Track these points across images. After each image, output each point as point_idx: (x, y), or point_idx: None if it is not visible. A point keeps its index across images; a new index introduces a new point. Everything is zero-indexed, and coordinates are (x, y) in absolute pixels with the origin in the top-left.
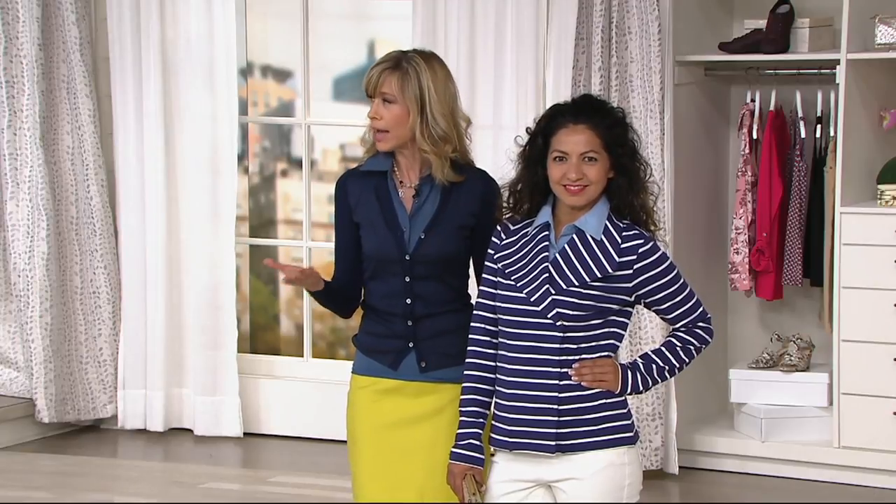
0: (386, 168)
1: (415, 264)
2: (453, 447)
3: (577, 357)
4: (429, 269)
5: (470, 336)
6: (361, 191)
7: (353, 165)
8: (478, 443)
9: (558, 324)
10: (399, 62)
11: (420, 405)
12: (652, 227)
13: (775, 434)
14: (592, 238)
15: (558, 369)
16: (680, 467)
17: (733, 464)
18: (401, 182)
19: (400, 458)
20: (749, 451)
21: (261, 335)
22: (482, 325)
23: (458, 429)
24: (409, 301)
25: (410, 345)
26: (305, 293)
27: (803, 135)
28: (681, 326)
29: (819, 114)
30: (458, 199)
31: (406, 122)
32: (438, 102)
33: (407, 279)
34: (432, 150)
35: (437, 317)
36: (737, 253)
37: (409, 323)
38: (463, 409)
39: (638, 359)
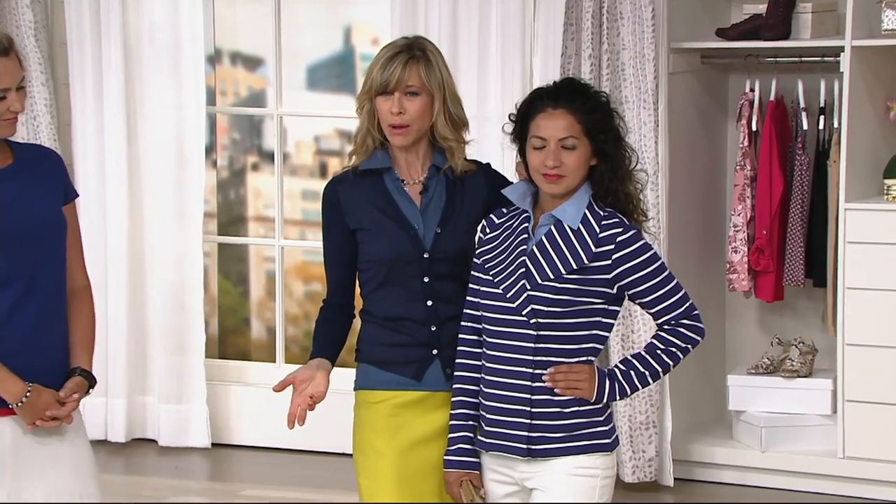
0: (386, 164)
1: (434, 262)
2: (445, 455)
3: (553, 359)
4: (447, 267)
5: (458, 336)
6: (356, 194)
7: (329, 160)
8: (469, 446)
9: (532, 321)
10: (412, 49)
11: (442, 417)
12: (640, 218)
13: (776, 444)
14: (570, 228)
15: (531, 370)
16: (675, 479)
17: (732, 475)
18: (402, 179)
19: (426, 475)
20: (748, 462)
21: (230, 339)
22: (469, 325)
23: (449, 433)
24: (429, 304)
25: (434, 352)
26: (278, 295)
27: (805, 126)
28: (664, 323)
29: (822, 104)
30: (464, 192)
31: (429, 113)
32: (452, 85)
33: (426, 279)
34: (454, 137)
35: (457, 319)
36: (735, 252)
37: (433, 328)
38: (452, 412)
39: (618, 364)
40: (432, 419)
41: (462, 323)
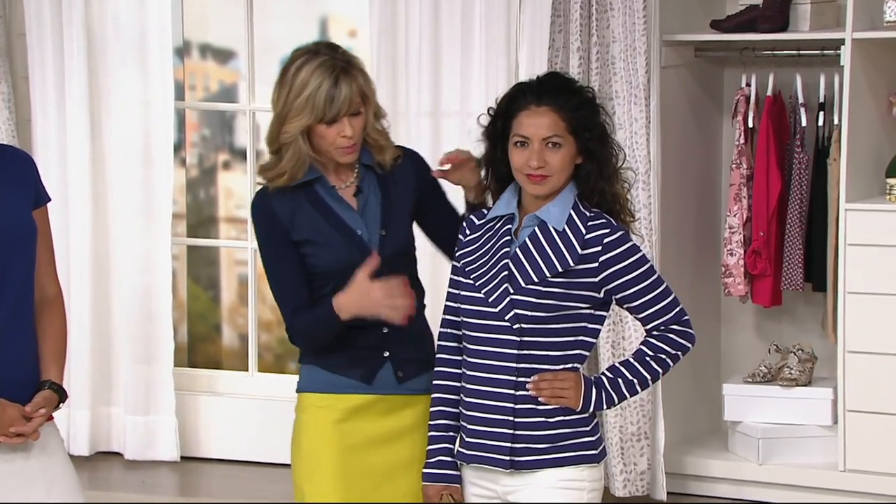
0: (317, 175)
1: (384, 265)
2: (424, 467)
3: (537, 366)
4: (396, 267)
5: (437, 342)
6: (291, 207)
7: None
8: (449, 459)
9: (515, 327)
10: (339, 62)
11: (393, 421)
12: (627, 219)
13: (774, 456)
14: (554, 229)
15: (515, 378)
16: (668, 493)
17: (727, 489)
18: (334, 185)
19: (375, 482)
20: (745, 475)
21: (200, 347)
22: (449, 331)
23: (428, 445)
24: None
25: (386, 354)
26: (251, 300)
27: (804, 123)
28: (653, 328)
29: (822, 99)
30: (396, 183)
31: (366, 122)
32: (372, 83)
33: None
34: (381, 135)
35: (409, 320)
36: (731, 254)
37: (385, 330)
38: (431, 422)
39: (605, 372)
40: (383, 424)
41: (441, 329)
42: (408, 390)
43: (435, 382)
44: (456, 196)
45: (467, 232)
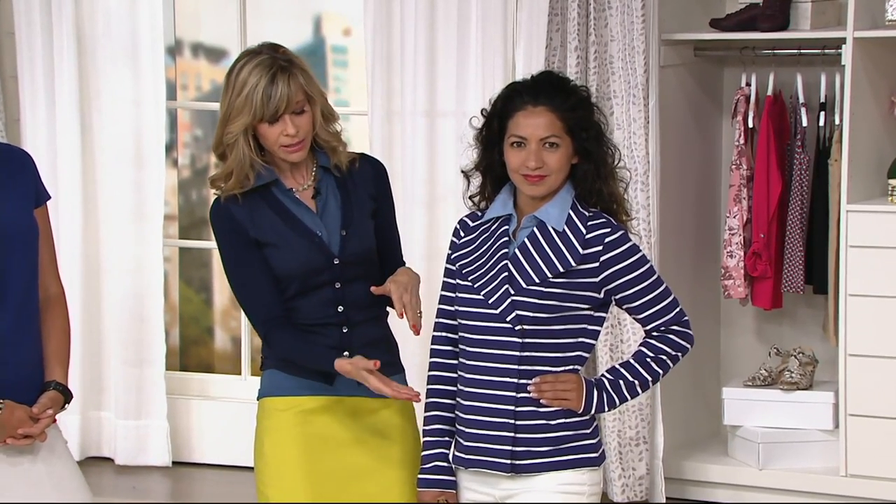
0: (273, 178)
1: (345, 267)
2: (420, 473)
3: (539, 368)
4: (358, 269)
5: (431, 346)
6: (250, 212)
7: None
8: (444, 464)
9: (517, 328)
10: (278, 61)
11: (359, 424)
12: (623, 218)
13: (774, 460)
14: (554, 230)
15: (516, 380)
16: (667, 498)
17: (727, 494)
18: (291, 188)
19: (342, 485)
20: (745, 480)
21: (192, 350)
22: (444, 334)
23: (423, 450)
24: (341, 309)
25: (346, 354)
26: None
27: (805, 123)
28: (653, 329)
29: (823, 99)
30: (355, 186)
31: (313, 122)
32: (318, 84)
33: (337, 285)
34: (333, 136)
35: (370, 322)
36: (730, 256)
37: (345, 330)
38: (426, 427)
39: (605, 374)
40: (348, 427)
41: (435, 333)
42: (371, 393)
43: (430, 387)
44: (454, 199)
45: (461, 234)
